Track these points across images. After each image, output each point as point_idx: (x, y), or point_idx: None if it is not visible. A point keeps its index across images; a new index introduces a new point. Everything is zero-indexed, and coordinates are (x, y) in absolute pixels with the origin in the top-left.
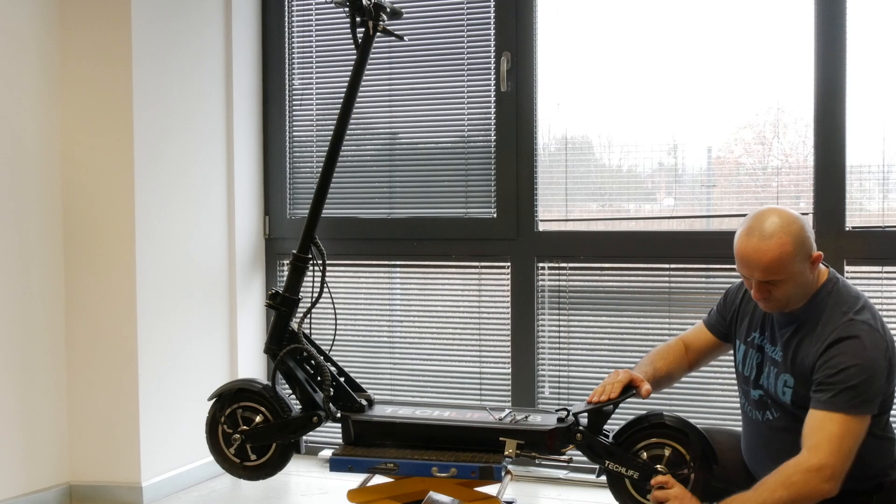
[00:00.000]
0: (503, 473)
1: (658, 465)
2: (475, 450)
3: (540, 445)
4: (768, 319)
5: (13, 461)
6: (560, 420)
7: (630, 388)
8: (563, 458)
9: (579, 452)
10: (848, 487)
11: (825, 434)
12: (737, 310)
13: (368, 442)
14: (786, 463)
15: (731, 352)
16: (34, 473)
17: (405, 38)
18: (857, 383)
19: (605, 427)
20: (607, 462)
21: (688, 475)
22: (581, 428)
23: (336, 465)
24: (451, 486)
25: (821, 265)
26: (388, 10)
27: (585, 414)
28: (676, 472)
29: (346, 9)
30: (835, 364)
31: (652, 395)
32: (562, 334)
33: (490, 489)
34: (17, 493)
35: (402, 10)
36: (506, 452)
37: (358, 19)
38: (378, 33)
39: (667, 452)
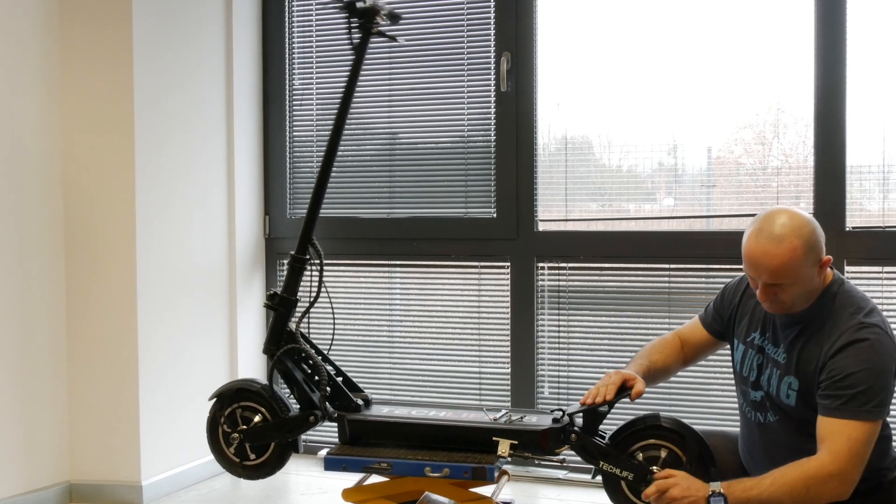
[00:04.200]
0: (497, 474)
1: (653, 467)
2: (470, 450)
3: (534, 446)
4: (769, 320)
5: (13, 460)
6: (555, 420)
7: (624, 389)
8: (556, 458)
9: (574, 453)
10: None
11: (845, 440)
12: (735, 308)
13: (365, 441)
14: (805, 463)
15: (729, 351)
16: (34, 472)
17: (405, 38)
18: (865, 388)
19: (602, 428)
20: (602, 463)
21: None
22: (576, 429)
23: (330, 464)
24: (445, 486)
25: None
26: (385, 13)
27: (581, 415)
28: None
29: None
30: (842, 368)
31: (648, 395)
32: (561, 334)
33: (485, 490)
34: (18, 492)
35: (403, 9)
36: (499, 452)
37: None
38: (373, 35)
39: (663, 454)
